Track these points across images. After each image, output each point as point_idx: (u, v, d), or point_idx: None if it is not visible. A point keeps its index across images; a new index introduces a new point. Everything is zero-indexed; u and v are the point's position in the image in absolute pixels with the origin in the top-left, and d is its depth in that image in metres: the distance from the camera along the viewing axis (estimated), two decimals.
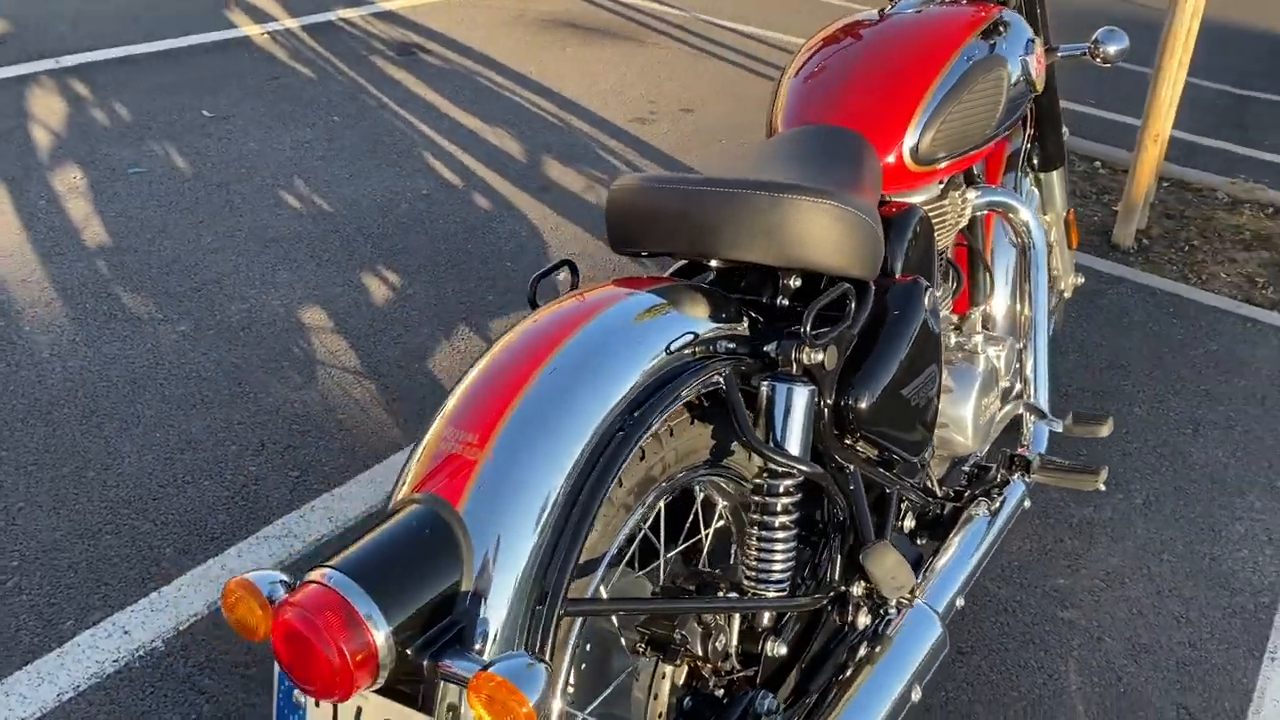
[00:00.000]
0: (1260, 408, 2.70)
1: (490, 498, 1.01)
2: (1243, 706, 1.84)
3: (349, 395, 2.43)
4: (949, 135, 1.61)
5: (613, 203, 1.41)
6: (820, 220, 1.27)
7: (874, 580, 1.29)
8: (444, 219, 3.27)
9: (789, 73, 1.76)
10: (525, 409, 1.06)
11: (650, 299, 1.22)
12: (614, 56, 4.92)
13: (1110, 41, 1.91)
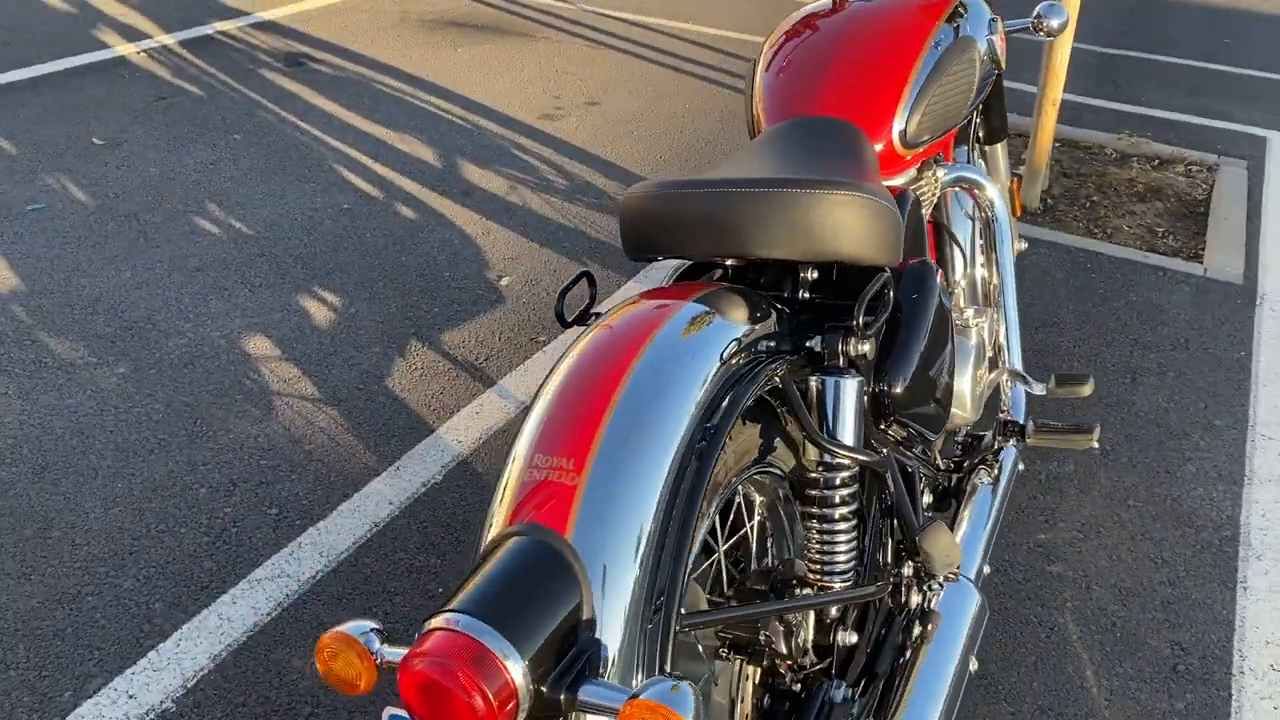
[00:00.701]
0: (1185, 352, 2.85)
1: (595, 522, 1.00)
2: (1227, 637, 1.95)
3: (312, 424, 2.36)
4: (933, 117, 1.65)
5: (630, 210, 1.40)
6: (849, 211, 1.28)
7: (930, 560, 1.32)
8: (371, 232, 3.19)
9: (761, 68, 1.77)
10: (614, 430, 1.05)
11: (696, 308, 1.22)
12: (508, 54, 4.87)
13: (1052, 15, 1.99)
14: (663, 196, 1.36)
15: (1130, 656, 1.90)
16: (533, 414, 1.10)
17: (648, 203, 1.38)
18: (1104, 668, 1.87)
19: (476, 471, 2.25)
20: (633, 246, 1.44)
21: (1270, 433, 2.53)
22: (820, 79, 1.66)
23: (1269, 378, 2.75)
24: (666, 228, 1.37)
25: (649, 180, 1.41)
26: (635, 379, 1.09)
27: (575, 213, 3.39)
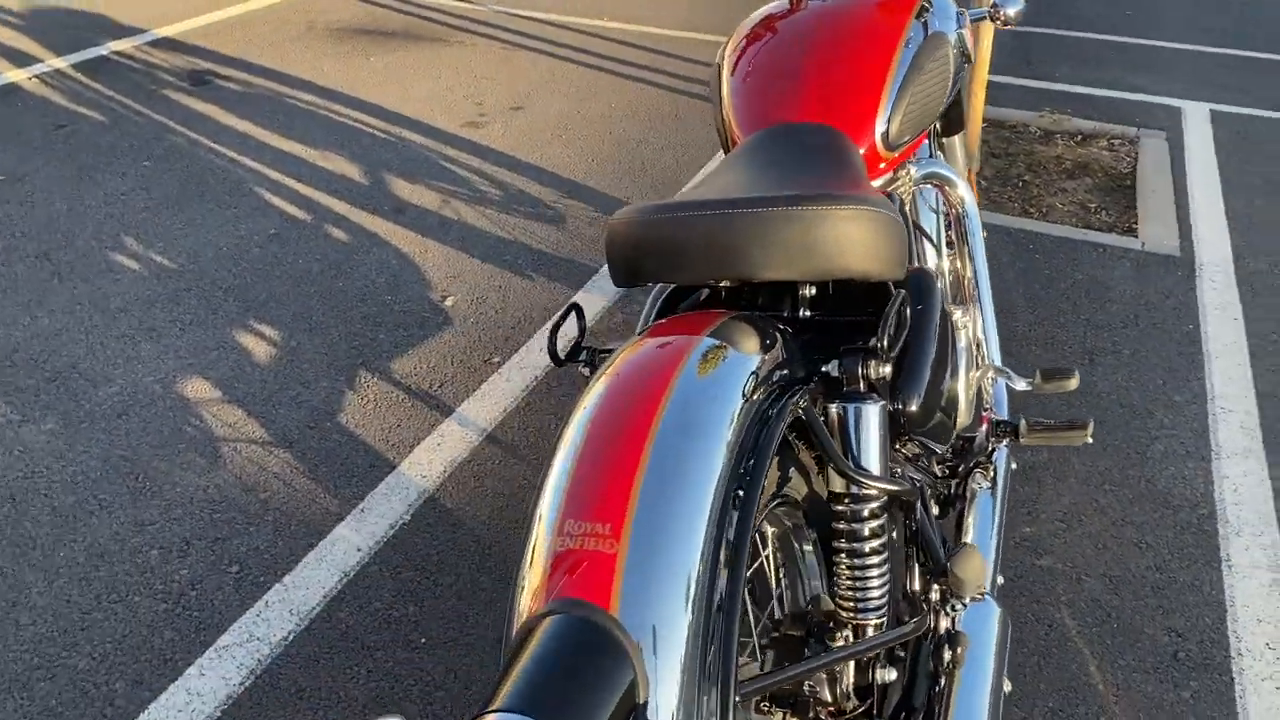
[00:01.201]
0: (1136, 328, 2.87)
1: (640, 592, 0.92)
2: (1220, 618, 1.96)
3: (265, 470, 2.22)
4: (913, 117, 1.60)
5: (618, 236, 1.32)
6: (857, 226, 1.22)
7: (962, 585, 1.27)
8: (302, 258, 3.05)
9: (727, 75, 1.70)
10: (649, 489, 0.97)
11: (709, 343, 1.14)
12: (423, 60, 4.72)
13: (1009, 4, 1.95)
14: (656, 221, 1.28)
15: (1130, 648, 1.88)
16: (554, 474, 1.02)
17: (640, 228, 1.30)
18: (1106, 661, 1.85)
19: (446, 508, 2.15)
20: (622, 273, 1.36)
21: (1228, 405, 2.55)
22: (796, 83, 1.59)
23: (1218, 349, 2.78)
24: (662, 253, 1.30)
25: (636, 205, 1.33)
26: (663, 430, 1.01)
27: (513, 224, 3.28)
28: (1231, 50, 5.40)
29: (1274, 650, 1.88)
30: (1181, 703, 1.78)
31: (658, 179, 3.63)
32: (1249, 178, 3.86)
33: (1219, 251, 3.29)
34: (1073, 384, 1.92)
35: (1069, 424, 1.82)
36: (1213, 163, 3.98)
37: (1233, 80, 4.94)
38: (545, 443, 2.34)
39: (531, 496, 1.09)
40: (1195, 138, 4.20)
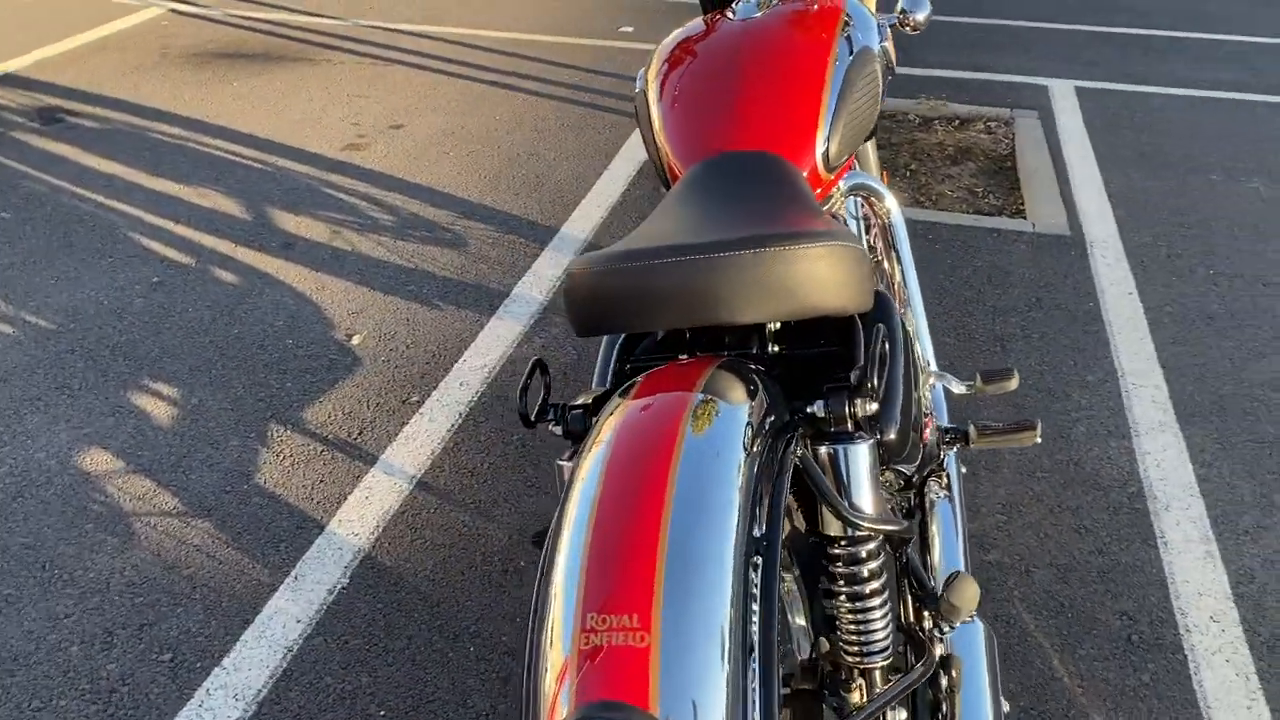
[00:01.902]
0: (1040, 310, 2.94)
1: (678, 686, 0.87)
2: (1165, 596, 2.01)
3: (184, 543, 2.08)
4: (849, 135, 1.58)
5: (579, 288, 1.26)
6: (830, 264, 1.19)
7: (957, 611, 1.26)
8: (191, 306, 2.88)
9: (654, 102, 1.65)
10: (672, 574, 0.91)
11: (700, 399, 1.09)
12: (290, 82, 4.53)
13: (916, 9, 1.95)
14: (624, 270, 1.22)
15: (1087, 636, 1.92)
16: (562, 562, 0.96)
17: (605, 278, 1.24)
18: (1067, 653, 1.88)
19: (385, 566, 2.05)
20: (583, 325, 1.30)
21: (1138, 380, 2.64)
22: (731, 110, 1.55)
23: (1120, 325, 2.87)
24: (631, 303, 1.24)
25: (594, 254, 1.27)
26: (677, 505, 0.96)
27: (412, 251, 3.17)
28: (1084, 26, 5.62)
29: (1218, 623, 1.95)
30: (1143, 686, 1.82)
31: (556, 192, 3.56)
32: (1120, 151, 4.01)
33: (1106, 228, 3.40)
34: (1013, 384, 1.94)
35: (1017, 425, 1.83)
36: (1085, 138, 4.12)
37: (1089, 55, 5.13)
38: (479, 485, 2.26)
39: (537, 586, 1.02)
40: (1065, 115, 4.35)
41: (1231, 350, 2.77)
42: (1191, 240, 3.34)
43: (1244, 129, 4.26)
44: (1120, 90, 4.67)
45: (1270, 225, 3.45)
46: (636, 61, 4.88)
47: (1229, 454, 2.38)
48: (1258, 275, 3.14)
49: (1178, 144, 4.09)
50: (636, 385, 1.15)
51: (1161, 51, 5.24)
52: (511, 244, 3.23)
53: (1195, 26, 5.68)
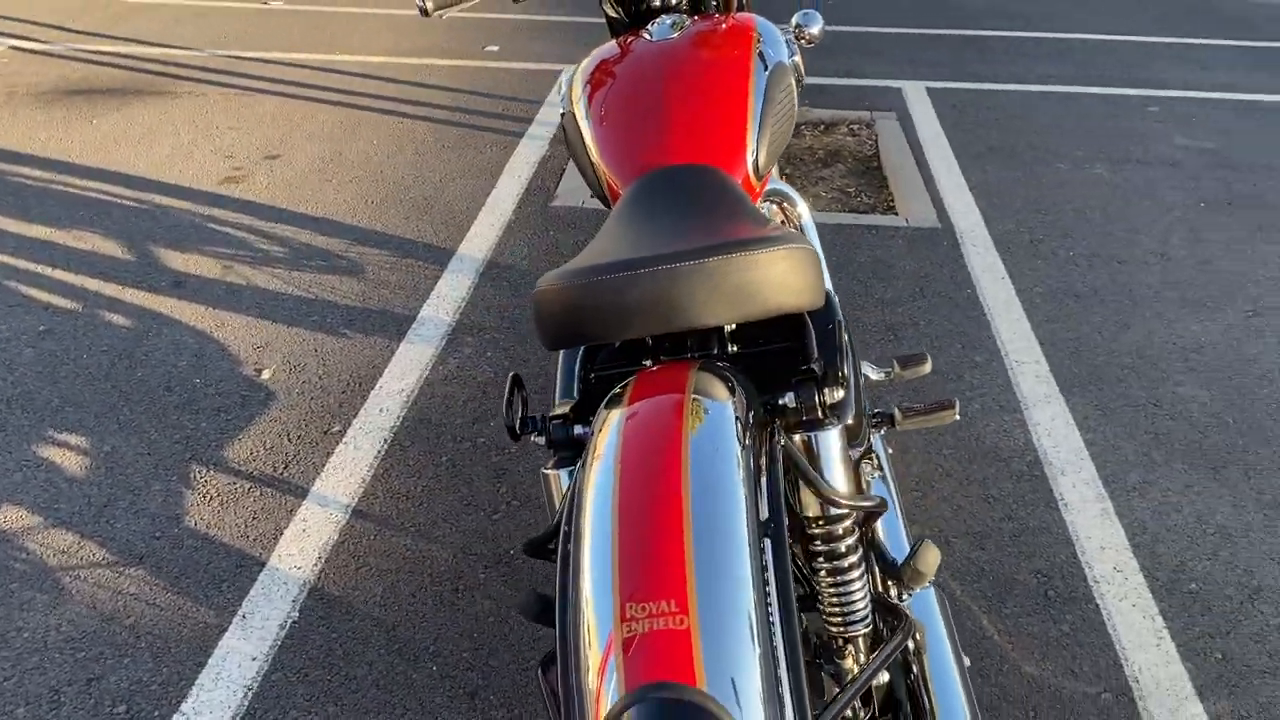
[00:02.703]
0: (924, 299, 3.13)
1: (719, 661, 0.94)
2: (1072, 553, 2.19)
3: (121, 593, 2.04)
4: (774, 145, 1.68)
5: (547, 303, 1.31)
6: (789, 265, 1.28)
7: (921, 577, 1.36)
8: (86, 352, 2.79)
9: (586, 124, 1.72)
10: (701, 560, 0.99)
11: (693, 401, 1.17)
12: (154, 117, 4.40)
13: (809, 23, 2.08)
14: (592, 285, 1.28)
15: (1009, 596, 2.07)
16: (591, 559, 1.01)
17: (573, 293, 1.30)
18: (993, 612, 2.03)
19: (333, 596, 2.05)
20: (554, 338, 1.35)
21: (1020, 358, 2.84)
22: (665, 127, 1.64)
23: (997, 308, 3.08)
24: (596, 315, 1.30)
25: (560, 271, 1.33)
26: (695, 501, 1.03)
27: (309, 280, 3.14)
28: (923, 30, 5.94)
29: (1122, 573, 2.13)
30: (1065, 635, 1.98)
31: (446, 214, 3.58)
32: (974, 146, 4.28)
33: (971, 219, 3.63)
34: (926, 368, 2.08)
35: (937, 405, 1.97)
36: (940, 136, 4.38)
37: (932, 57, 5.44)
38: (416, 508, 2.28)
39: (567, 585, 1.07)
40: (920, 114, 4.61)
41: (1099, 324, 3.00)
42: (1049, 226, 3.60)
43: (1078, 120, 4.60)
44: (965, 89, 4.97)
45: (1115, 207, 3.75)
46: (506, 80, 4.93)
47: (1109, 419, 2.59)
48: (1112, 254, 3.41)
49: (1022, 137, 4.39)
50: (627, 392, 1.21)
51: (995, 51, 5.59)
52: (410, 268, 3.23)
53: (1022, 26, 6.08)
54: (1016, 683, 1.88)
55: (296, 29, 5.71)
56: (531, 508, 2.27)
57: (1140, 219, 3.66)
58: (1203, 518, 2.28)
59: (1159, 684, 1.88)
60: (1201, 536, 2.23)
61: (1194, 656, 1.94)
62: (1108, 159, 4.17)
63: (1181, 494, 2.35)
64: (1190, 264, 3.36)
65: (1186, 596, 2.07)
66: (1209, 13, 6.48)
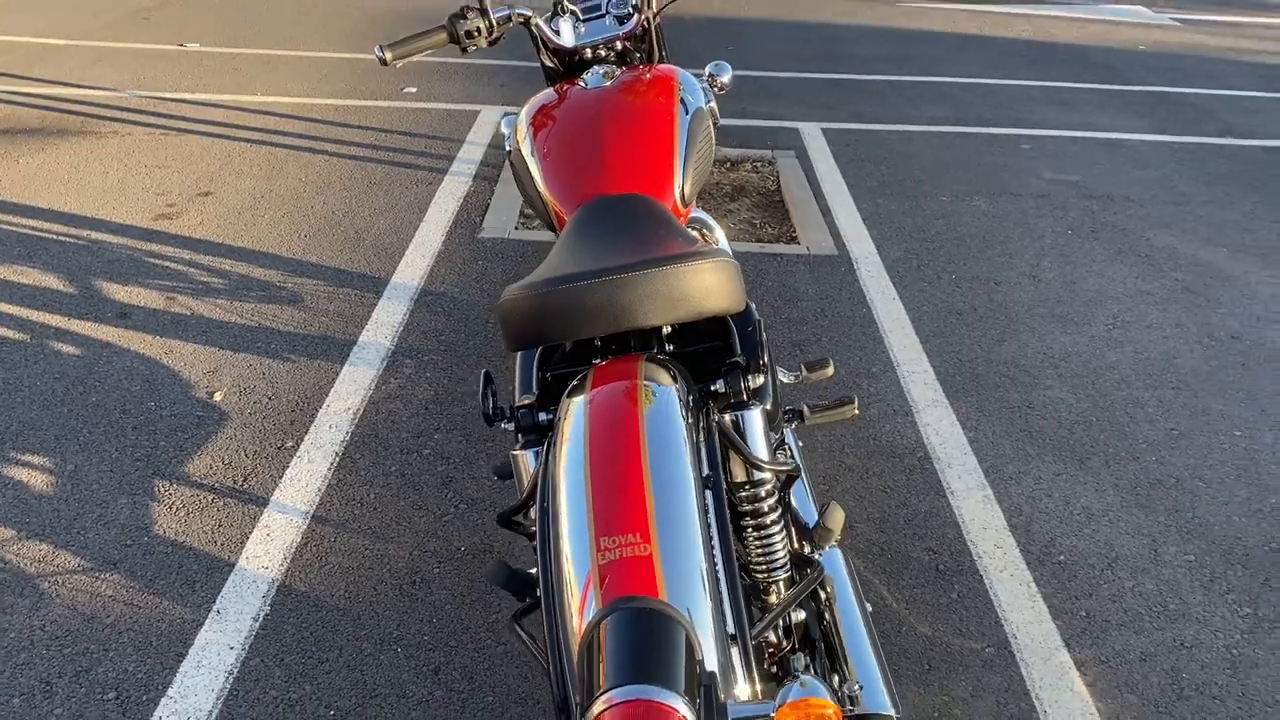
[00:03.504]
0: (826, 319, 3.44)
1: (675, 578, 1.19)
2: (958, 533, 2.49)
3: (99, 595, 2.19)
4: (697, 178, 1.96)
5: (513, 309, 1.55)
6: (715, 275, 1.55)
7: (829, 534, 1.63)
8: (39, 379, 2.91)
9: (532, 159, 1.96)
10: (660, 502, 1.24)
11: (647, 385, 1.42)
12: (81, 156, 4.51)
13: (720, 72, 2.36)
14: (553, 293, 1.53)
15: (905, 570, 2.36)
16: (568, 507, 1.25)
17: (537, 300, 1.54)
18: (892, 584, 2.32)
19: (301, 591, 2.23)
20: (517, 340, 1.59)
21: (911, 369, 3.16)
22: (603, 162, 1.90)
23: (890, 325, 3.41)
24: (561, 318, 1.54)
25: (523, 282, 1.57)
26: (651, 455, 1.28)
27: (251, 310, 3.31)
28: (820, 74, 6.36)
29: (1001, 549, 2.44)
30: (953, 602, 2.28)
31: (377, 246, 3.78)
32: (866, 181, 4.65)
33: (865, 247, 3.98)
34: (829, 371, 2.37)
35: (839, 401, 2.25)
36: (836, 172, 4.74)
37: (826, 99, 5.84)
38: (370, 513, 2.47)
39: (544, 531, 1.30)
40: (817, 152, 4.97)
41: (979, 338, 3.35)
42: (935, 252, 3.97)
43: (960, 156, 5.02)
44: (857, 129, 5.36)
45: (992, 235, 4.14)
46: (425, 120, 5.15)
47: (989, 419, 2.93)
48: (989, 276, 3.78)
49: (909, 172, 4.78)
50: (586, 382, 1.46)
51: (884, 94, 6.02)
52: (347, 296, 3.42)
53: (906, 70, 6.54)
54: (913, 642, 2.16)
55: (214, 70, 5.85)
56: (478, 509, 2.49)
57: (1014, 245, 4.05)
58: (1069, 501, 2.61)
59: (1033, 639, 2.19)
60: (1069, 517, 2.55)
61: (1063, 615, 2.26)
62: (986, 192, 4.58)
63: (1052, 481, 2.68)
64: (1059, 284, 3.75)
65: (1056, 566, 2.39)
66: (1076, 60, 7.05)
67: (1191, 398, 3.07)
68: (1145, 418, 2.96)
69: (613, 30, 2.23)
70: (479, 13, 2.14)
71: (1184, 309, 3.60)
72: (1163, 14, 8.75)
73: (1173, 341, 3.38)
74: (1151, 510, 2.58)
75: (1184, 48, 7.57)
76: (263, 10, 7.48)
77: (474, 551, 2.36)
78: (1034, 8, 8.74)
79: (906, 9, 8.47)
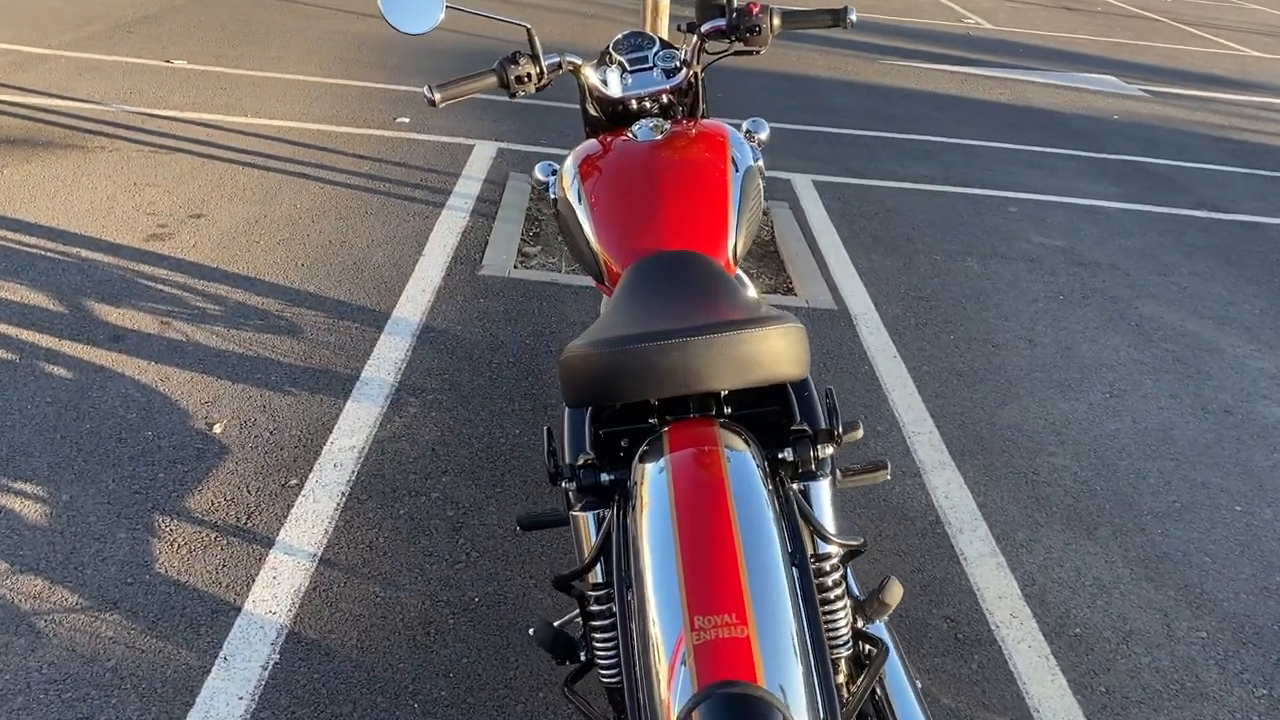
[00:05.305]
0: (828, 373, 3.44)
1: (772, 662, 1.16)
2: (974, 601, 2.48)
3: (97, 636, 2.09)
4: (748, 236, 1.94)
5: (573, 368, 1.52)
6: (788, 340, 1.53)
7: (886, 609, 1.60)
8: (30, 403, 2.81)
9: (581, 211, 1.94)
10: (752, 580, 1.21)
11: (726, 453, 1.39)
12: (67, 170, 4.40)
13: (758, 129, 2.35)
14: (620, 352, 1.49)
15: (924, 637, 2.34)
16: (659, 580, 1.22)
17: (602, 359, 1.50)
18: (913, 651, 2.29)
19: (311, 639, 2.16)
20: (578, 397, 1.56)
21: (915, 429, 3.17)
22: (658, 217, 1.87)
23: (892, 384, 3.42)
24: (625, 378, 1.51)
25: (585, 340, 1.53)
26: (742, 529, 1.25)
27: (250, 339, 3.24)
28: (807, 126, 6.42)
29: (1018, 619, 2.43)
30: (974, 673, 2.26)
31: (377, 279, 3.72)
32: (860, 236, 4.68)
33: (863, 302, 4.00)
34: (860, 434, 2.36)
35: (873, 465, 2.24)
36: (829, 225, 4.77)
37: (816, 152, 5.89)
38: (380, 558, 2.40)
39: (628, 606, 1.27)
40: (810, 205, 5.00)
41: (980, 400, 3.37)
42: (931, 311, 3.99)
43: (948, 216, 5.08)
44: (846, 183, 5.41)
45: (987, 297, 4.18)
46: (419, 152, 5.11)
47: (996, 484, 2.93)
48: (987, 338, 3.82)
49: (900, 229, 4.82)
50: (663, 444, 1.43)
51: (870, 149, 6.10)
52: (347, 330, 3.36)
53: (891, 128, 6.64)
54: (937, 713, 2.14)
55: (202, 89, 5.76)
56: (491, 559, 2.43)
57: (1009, 307, 4.10)
58: (1081, 571, 2.61)
59: (1056, 714, 2.17)
60: (1081, 588, 2.56)
61: (1083, 690, 2.25)
62: (977, 253, 4.63)
63: (1062, 551, 2.68)
64: (1054, 349, 3.79)
65: (1073, 639, 2.39)
66: (1054, 126, 7.20)
67: (1190, 471, 3.10)
68: (1148, 489, 2.99)
69: (660, 83, 2.22)
70: (530, 59, 2.12)
71: (1177, 380, 3.66)
72: (1133, 85, 8.99)
73: (1168, 413, 3.43)
74: (1161, 584, 2.60)
75: (1155, 119, 7.77)
76: (245, 31, 7.41)
77: (489, 603, 2.30)
78: (1009, 72, 8.93)
79: (886, 66, 8.61)
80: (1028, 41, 10.67)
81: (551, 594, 2.34)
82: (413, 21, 2.02)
